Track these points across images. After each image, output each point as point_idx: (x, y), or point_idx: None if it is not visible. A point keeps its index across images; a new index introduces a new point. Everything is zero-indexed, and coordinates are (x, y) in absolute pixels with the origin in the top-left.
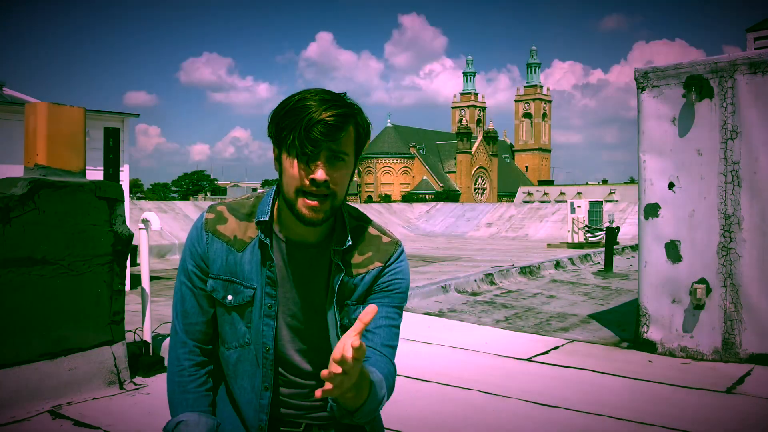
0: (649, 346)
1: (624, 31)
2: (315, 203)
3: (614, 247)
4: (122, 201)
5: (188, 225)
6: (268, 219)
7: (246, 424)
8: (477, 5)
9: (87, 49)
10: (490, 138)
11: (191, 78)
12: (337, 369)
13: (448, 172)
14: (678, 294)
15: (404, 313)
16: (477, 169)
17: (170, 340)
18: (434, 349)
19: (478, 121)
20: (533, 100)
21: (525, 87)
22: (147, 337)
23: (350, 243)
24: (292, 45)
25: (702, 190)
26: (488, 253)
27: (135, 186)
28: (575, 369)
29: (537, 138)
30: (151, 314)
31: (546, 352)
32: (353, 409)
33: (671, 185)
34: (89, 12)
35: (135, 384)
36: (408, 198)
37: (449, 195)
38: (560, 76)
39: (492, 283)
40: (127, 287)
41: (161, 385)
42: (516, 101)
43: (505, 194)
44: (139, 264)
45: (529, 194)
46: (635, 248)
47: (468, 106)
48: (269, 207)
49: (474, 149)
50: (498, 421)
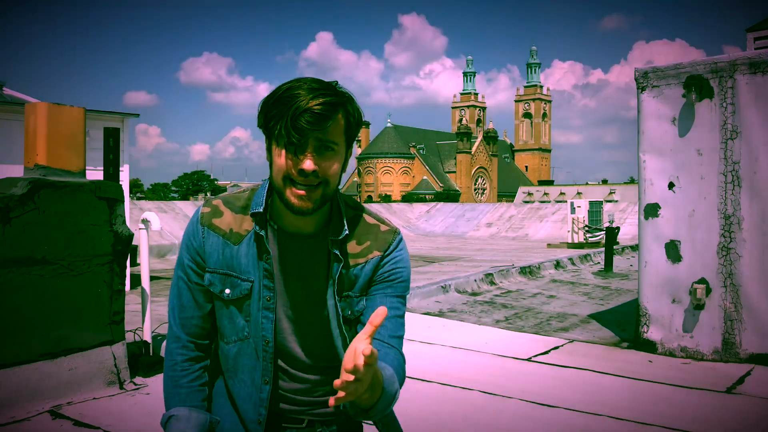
0: (649, 346)
1: (624, 31)
2: (303, 192)
3: (614, 247)
4: (122, 201)
5: None
6: (263, 210)
7: (244, 420)
8: (477, 5)
9: (87, 49)
10: (490, 138)
11: (191, 78)
12: (350, 377)
13: (448, 172)
14: (678, 294)
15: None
16: (477, 169)
17: (167, 335)
18: (434, 349)
19: (478, 121)
20: (533, 100)
21: (525, 87)
22: (147, 337)
23: (347, 232)
24: (292, 45)
25: (702, 190)
26: (488, 253)
27: (135, 186)
28: (575, 369)
29: (537, 138)
30: (151, 314)
31: (546, 352)
32: (368, 407)
33: (671, 185)
34: (89, 12)
35: (135, 384)
36: (408, 198)
37: (449, 195)
38: (560, 76)
39: (492, 283)
40: (127, 287)
41: (161, 385)
42: (516, 101)
43: (505, 194)
44: (139, 264)
45: (529, 194)
46: (635, 248)
47: (468, 106)
48: (263, 199)
49: (474, 149)
50: (498, 421)
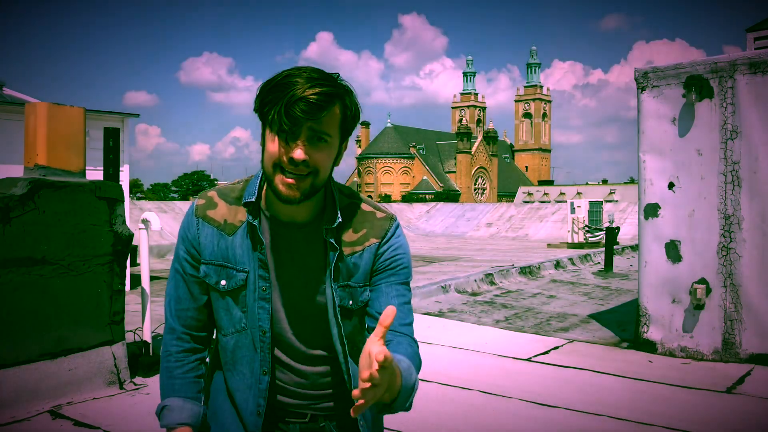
0: (649, 346)
1: (624, 31)
2: (291, 181)
3: (614, 247)
4: (122, 201)
5: None
6: (255, 200)
7: (243, 412)
8: (477, 5)
9: (87, 49)
10: (490, 138)
11: (191, 78)
12: (367, 385)
13: (448, 172)
14: (678, 294)
15: None
16: (477, 169)
17: (164, 328)
18: (434, 349)
19: (478, 121)
20: (533, 100)
21: (525, 87)
22: (147, 337)
23: (340, 220)
24: (292, 45)
25: (702, 190)
26: (488, 253)
27: (135, 186)
28: (575, 369)
29: (537, 138)
30: (151, 314)
31: (546, 352)
32: (389, 402)
33: (671, 185)
34: (89, 12)
35: (135, 384)
36: (408, 198)
37: (449, 195)
38: (560, 76)
39: (492, 283)
40: (127, 287)
41: None
42: (516, 101)
43: (505, 194)
44: (139, 264)
45: (529, 194)
46: (635, 248)
47: (468, 106)
48: (256, 188)
49: (474, 149)
50: (498, 421)
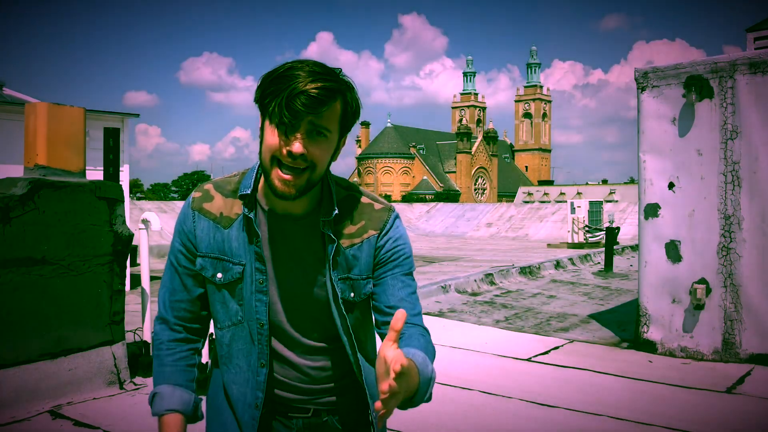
0: (649, 346)
1: (624, 31)
2: (289, 177)
3: (614, 247)
4: (122, 201)
5: None
6: (251, 192)
7: (239, 407)
8: (477, 5)
9: (87, 49)
10: (490, 138)
11: (191, 78)
12: (386, 395)
13: (448, 172)
14: (678, 294)
15: None
16: (477, 169)
17: (155, 318)
18: None
19: (478, 121)
20: (533, 100)
21: (525, 87)
22: (147, 337)
23: (337, 212)
24: (292, 45)
25: (702, 190)
26: (488, 253)
27: (135, 186)
28: (575, 369)
29: (537, 138)
30: (151, 314)
31: (546, 352)
32: (411, 397)
33: (671, 185)
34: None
35: (135, 384)
36: (408, 198)
37: (449, 195)
38: (560, 76)
39: (492, 283)
40: (127, 287)
41: None
42: (516, 101)
43: (505, 194)
44: (139, 264)
45: (529, 194)
46: (635, 248)
47: (468, 106)
48: (252, 181)
49: (474, 149)
50: (498, 421)
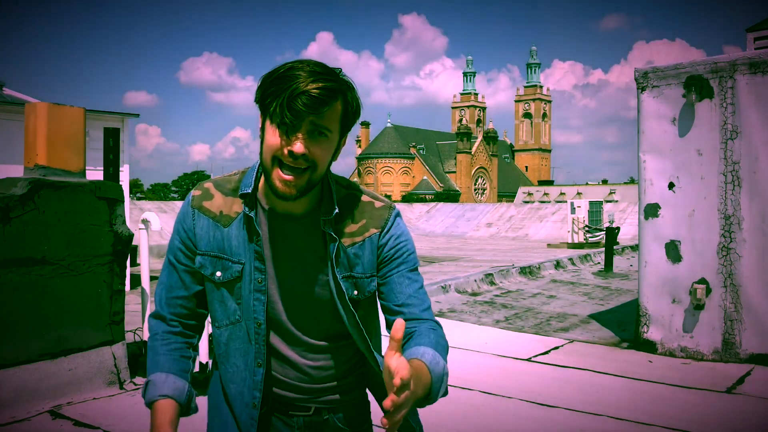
0: (649, 346)
1: (624, 31)
2: (290, 177)
3: (614, 247)
4: (122, 201)
5: None
6: (252, 191)
7: (237, 406)
8: (477, 5)
9: (87, 49)
10: (490, 138)
11: (191, 78)
12: (391, 408)
13: (448, 172)
14: (678, 294)
15: None
16: (477, 169)
17: (150, 314)
18: None
19: (478, 121)
20: (533, 100)
21: (525, 87)
22: (147, 337)
23: (337, 211)
24: (292, 45)
25: (702, 190)
26: (488, 253)
27: (135, 186)
28: (575, 369)
29: (537, 138)
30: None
31: (546, 352)
32: (424, 396)
33: (671, 185)
34: (89, 12)
35: (135, 384)
36: (408, 198)
37: (449, 195)
38: (560, 76)
39: (492, 283)
40: (127, 287)
41: None
42: (516, 101)
43: (505, 194)
44: (139, 264)
45: (529, 194)
46: (635, 248)
47: (468, 106)
48: (253, 180)
49: (474, 149)
50: (498, 421)
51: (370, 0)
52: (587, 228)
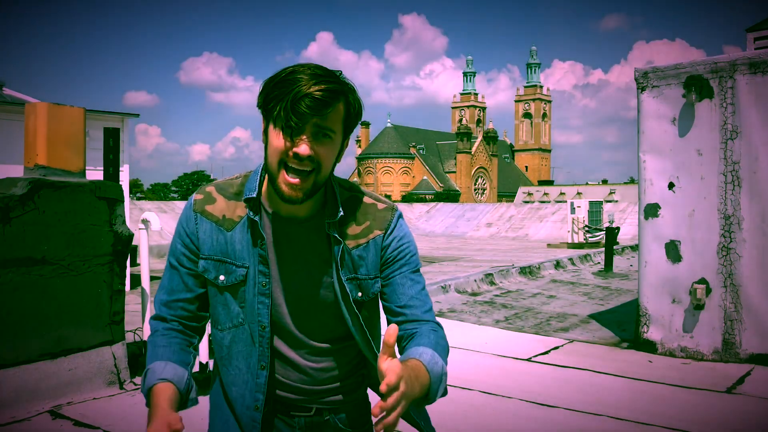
0: (649, 346)
1: (624, 31)
2: (296, 181)
3: (614, 247)
4: (122, 201)
5: None
6: (256, 196)
7: (239, 408)
8: (477, 5)
9: (87, 49)
10: (490, 138)
11: (191, 78)
12: (382, 413)
13: (448, 172)
14: (678, 294)
15: None
16: (477, 169)
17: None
18: None
19: (478, 121)
20: (533, 100)
21: (525, 87)
22: (147, 338)
23: (342, 214)
24: (292, 45)
25: (702, 190)
26: (488, 253)
27: (135, 186)
28: (575, 369)
29: (537, 138)
30: (151, 314)
31: (546, 352)
32: (423, 396)
33: (671, 185)
34: (89, 12)
35: (135, 384)
36: (408, 198)
37: (449, 195)
38: (560, 76)
39: (492, 283)
40: (127, 287)
41: None
42: (516, 101)
43: (505, 194)
44: (139, 264)
45: (529, 194)
46: (635, 248)
47: (468, 106)
48: (257, 184)
49: (474, 149)
50: (498, 421)
51: (370, 0)
52: (587, 228)
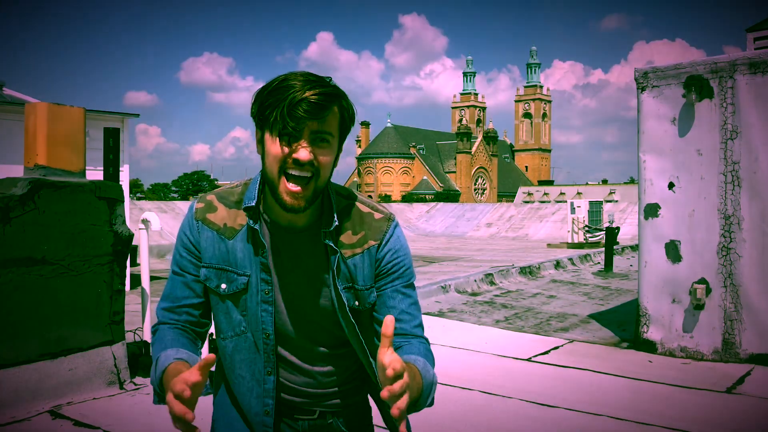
0: (649, 346)
1: (624, 31)
2: (298, 189)
3: (614, 247)
4: (122, 201)
5: None
6: (255, 204)
7: (248, 415)
8: (477, 5)
9: (87, 49)
10: (490, 138)
11: (191, 78)
12: (391, 399)
13: (448, 172)
14: (678, 294)
15: None
16: (477, 169)
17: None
18: (434, 349)
19: (478, 121)
20: (533, 100)
21: (525, 87)
22: (147, 337)
23: (337, 224)
24: (292, 45)
25: (702, 190)
26: (488, 253)
27: (135, 186)
28: (575, 369)
29: (537, 138)
30: (151, 314)
31: (546, 352)
32: (414, 401)
33: (671, 185)
34: (89, 12)
35: (135, 384)
36: (408, 198)
37: (449, 195)
38: (560, 76)
39: (492, 283)
40: (127, 287)
41: None
42: (516, 101)
43: (505, 194)
44: (139, 264)
45: (529, 194)
46: (635, 248)
47: (468, 106)
48: (256, 192)
49: (474, 149)
50: (498, 421)
51: (370, 0)
52: (587, 228)
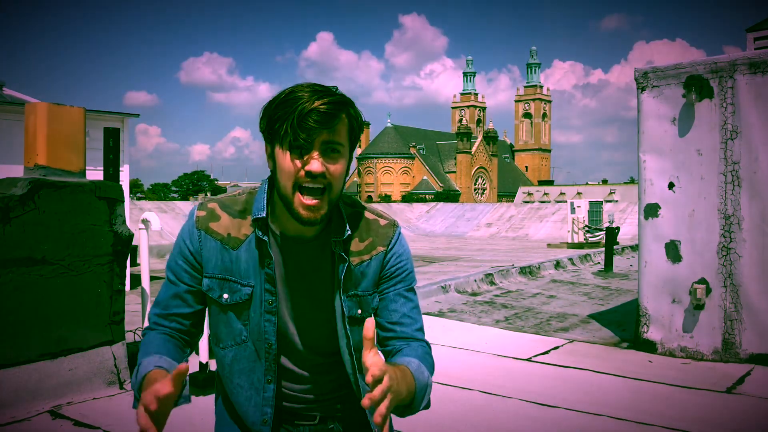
0: (649, 346)
1: (624, 31)
2: (314, 202)
3: (614, 247)
4: (122, 201)
5: None
6: (264, 215)
7: (247, 423)
8: (477, 5)
9: (87, 49)
10: (490, 138)
11: (191, 78)
12: (372, 405)
13: (448, 172)
14: (678, 294)
15: None
16: (477, 169)
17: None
18: (434, 350)
19: (478, 121)
20: (533, 100)
21: (525, 87)
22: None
23: (350, 233)
24: (293, 45)
25: (702, 190)
26: (488, 253)
27: (135, 186)
28: (575, 369)
29: (537, 138)
30: None
31: (546, 352)
32: (408, 403)
33: (671, 185)
34: (89, 12)
35: None
36: (408, 198)
37: (449, 195)
38: (560, 76)
39: (492, 283)
40: (127, 287)
41: None
42: (516, 101)
43: (505, 194)
44: (139, 264)
45: (529, 194)
46: (635, 248)
47: (468, 106)
48: (264, 203)
49: (474, 149)
50: (498, 421)
51: (370, 0)
52: (587, 228)
